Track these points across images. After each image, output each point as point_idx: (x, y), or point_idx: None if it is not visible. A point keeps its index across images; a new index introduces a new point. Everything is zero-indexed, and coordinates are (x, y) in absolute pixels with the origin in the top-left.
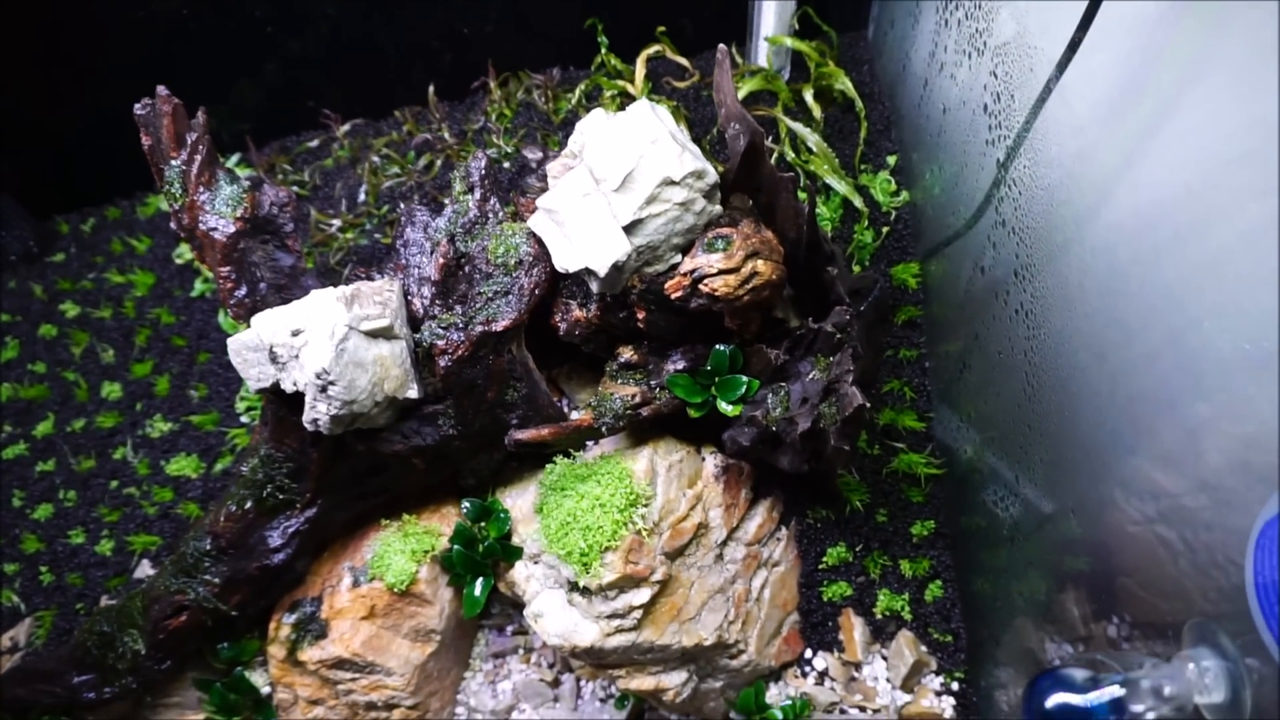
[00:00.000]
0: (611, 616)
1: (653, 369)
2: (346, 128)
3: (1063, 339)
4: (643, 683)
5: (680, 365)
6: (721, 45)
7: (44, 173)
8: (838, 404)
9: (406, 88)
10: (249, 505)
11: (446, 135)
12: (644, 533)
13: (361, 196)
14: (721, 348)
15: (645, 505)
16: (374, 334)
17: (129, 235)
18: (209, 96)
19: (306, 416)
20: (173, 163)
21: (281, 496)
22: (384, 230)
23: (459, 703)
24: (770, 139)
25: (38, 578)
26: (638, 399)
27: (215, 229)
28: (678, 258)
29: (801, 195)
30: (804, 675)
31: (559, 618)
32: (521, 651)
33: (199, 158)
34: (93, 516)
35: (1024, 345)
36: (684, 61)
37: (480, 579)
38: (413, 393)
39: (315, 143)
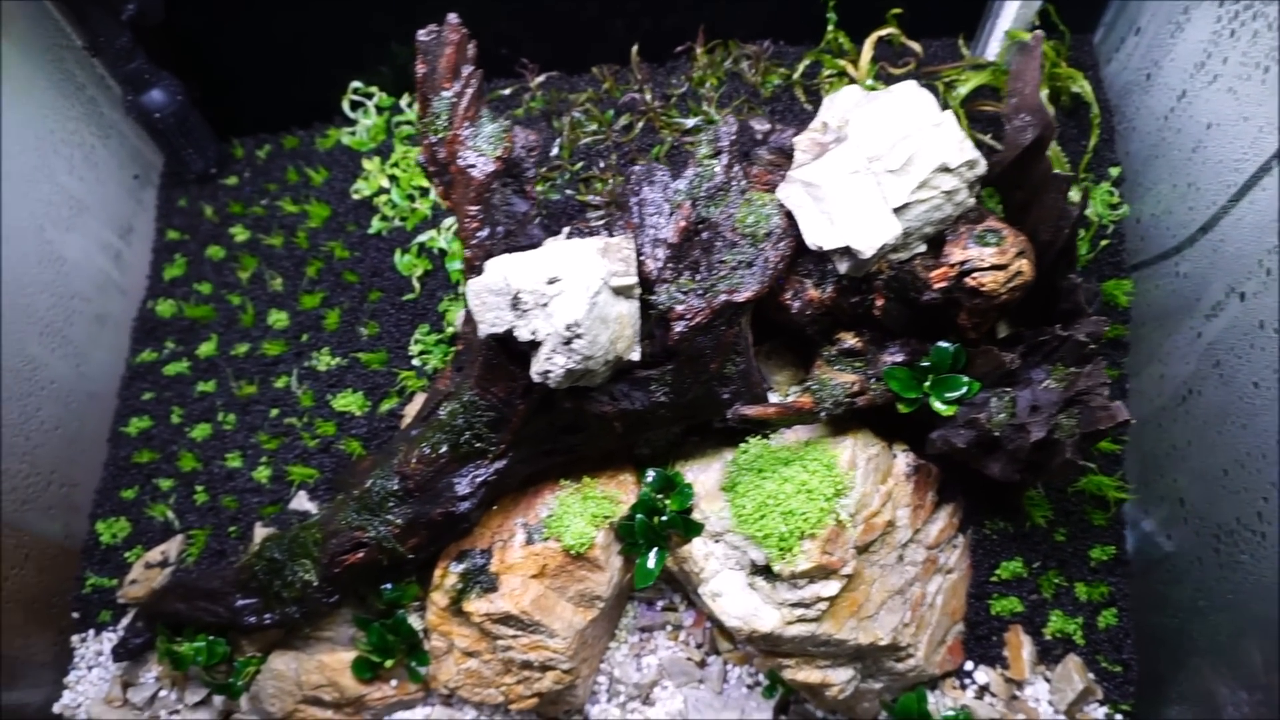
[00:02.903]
0: (796, 605)
1: (870, 359)
2: (541, 79)
3: None
4: (809, 675)
5: (899, 358)
6: (1038, 31)
7: (224, 94)
8: (1082, 416)
9: (604, 45)
10: (444, 450)
11: (648, 97)
12: (843, 524)
13: (554, 150)
14: (945, 345)
15: (845, 496)
16: (618, 291)
17: (306, 165)
18: (396, 33)
19: (538, 367)
20: (444, 94)
21: (477, 445)
22: (576, 186)
23: (601, 671)
24: (990, 136)
25: (192, 496)
26: (856, 388)
27: (474, 166)
28: (922, 247)
29: (1072, 198)
30: (963, 687)
31: (739, 600)
32: (669, 628)
33: (470, 91)
34: (251, 442)
35: None
36: (915, 46)
37: (655, 551)
38: (635, 355)
39: (507, 91)
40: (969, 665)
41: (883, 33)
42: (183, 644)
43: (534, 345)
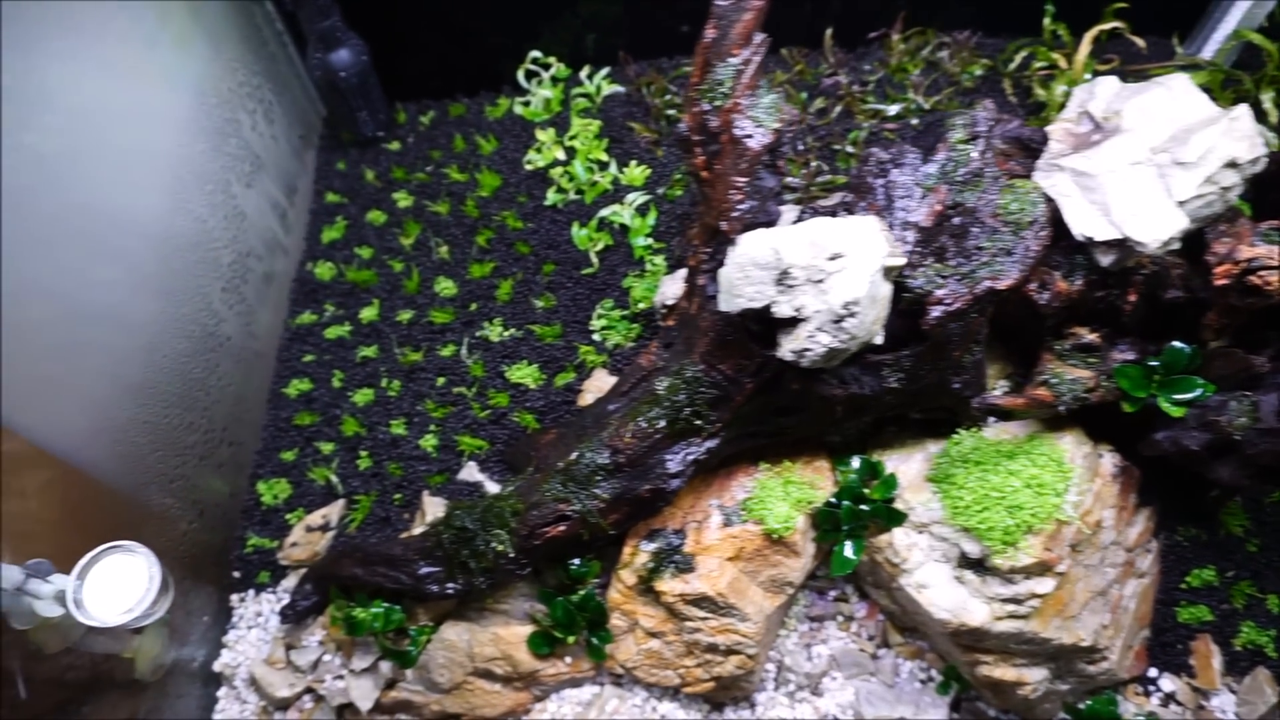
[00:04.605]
0: (1007, 600)
1: (1103, 355)
2: None
3: None
4: (1005, 673)
5: (1129, 356)
6: None
7: (393, 57)
8: None
9: (793, 27)
10: (661, 425)
11: (843, 80)
12: (1065, 521)
13: None
14: (1181, 346)
15: (1068, 494)
16: (887, 271)
17: (476, 133)
18: (561, 4)
19: (794, 345)
20: (730, 60)
21: (696, 422)
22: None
23: (770, 659)
24: None
25: (355, 462)
26: (1092, 383)
27: (750, 136)
28: (1177, 244)
29: None
30: (1146, 694)
31: (946, 592)
32: (840, 619)
33: (756, 59)
34: (416, 410)
35: None
36: (1139, 42)
37: (853, 539)
38: (880, 338)
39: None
40: (1152, 672)
41: (1105, 26)
42: (356, 609)
43: (792, 322)
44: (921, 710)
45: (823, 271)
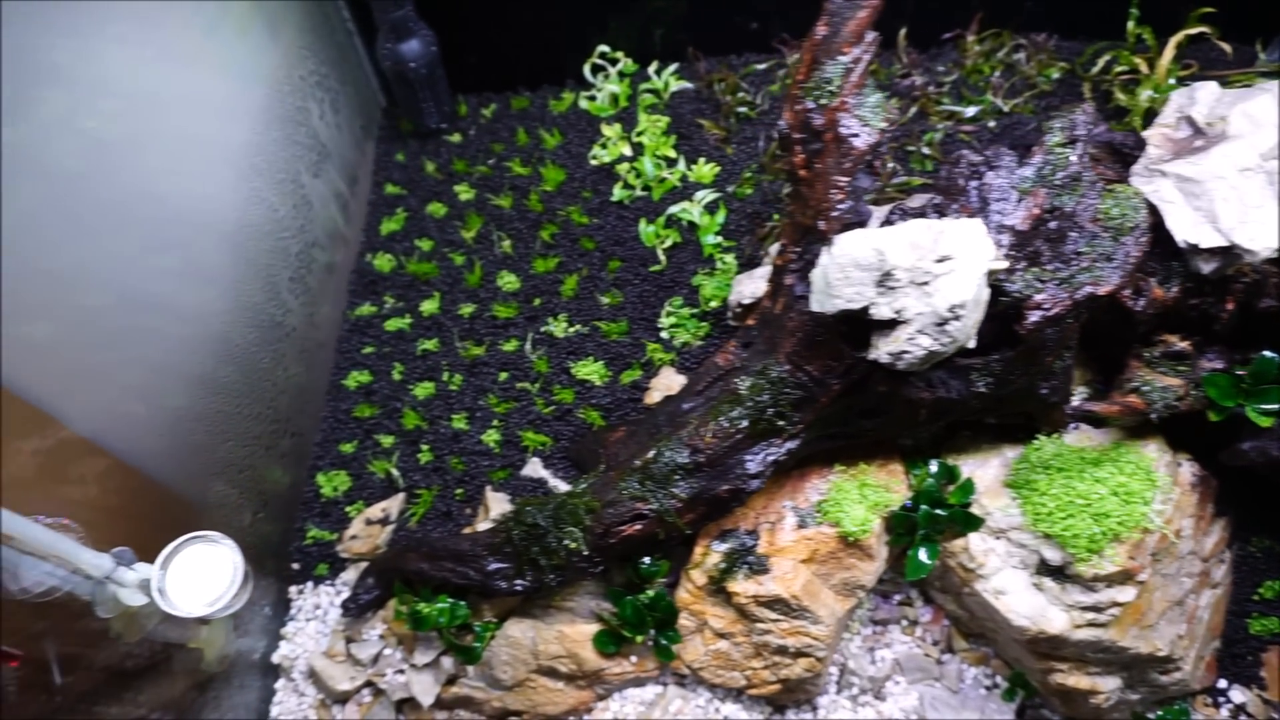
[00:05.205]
0: (1087, 609)
1: (1193, 363)
2: (797, 57)
3: None
4: (1079, 681)
5: (1217, 364)
6: None
7: (456, 50)
8: None
9: None
10: (742, 425)
11: (919, 81)
12: (1150, 530)
13: None
14: (1271, 355)
15: (1154, 502)
16: (988, 274)
17: (540, 126)
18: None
19: (892, 348)
20: (840, 58)
21: (779, 423)
22: None
23: (833, 662)
24: None
25: (416, 455)
26: (1182, 392)
27: (856, 135)
28: (1276, 254)
29: None
30: (1216, 705)
31: (1024, 599)
32: (905, 623)
33: (866, 58)
34: (479, 404)
35: None
36: (1226, 48)
37: (928, 544)
38: (973, 342)
39: (763, 66)
40: (1222, 683)
41: (1191, 31)
42: (421, 603)
43: (890, 324)
44: (986, 716)
45: (928, 274)
